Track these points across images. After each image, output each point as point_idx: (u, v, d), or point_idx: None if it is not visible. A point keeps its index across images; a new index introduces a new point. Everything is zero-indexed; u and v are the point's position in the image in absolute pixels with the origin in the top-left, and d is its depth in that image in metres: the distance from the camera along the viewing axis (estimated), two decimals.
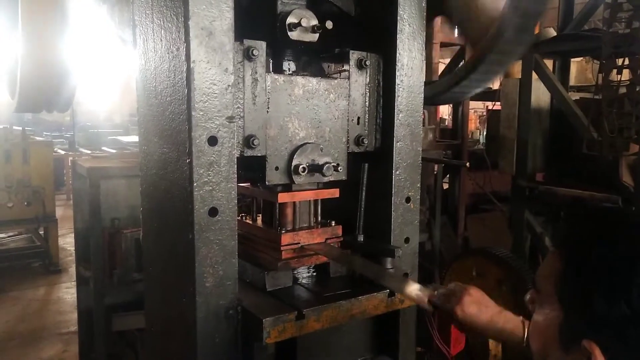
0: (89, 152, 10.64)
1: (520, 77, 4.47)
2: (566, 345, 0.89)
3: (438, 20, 5.17)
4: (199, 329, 1.44)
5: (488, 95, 5.80)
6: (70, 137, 14.78)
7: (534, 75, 4.40)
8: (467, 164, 4.93)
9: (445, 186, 6.11)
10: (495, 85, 5.59)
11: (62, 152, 12.54)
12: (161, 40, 1.50)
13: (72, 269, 7.29)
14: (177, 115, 1.45)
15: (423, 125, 2.83)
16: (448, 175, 6.09)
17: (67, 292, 6.60)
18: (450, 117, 8.46)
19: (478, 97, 6.08)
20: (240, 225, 1.78)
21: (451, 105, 7.37)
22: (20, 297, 6.44)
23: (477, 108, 17.46)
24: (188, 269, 1.44)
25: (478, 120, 18.68)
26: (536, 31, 4.72)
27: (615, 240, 0.87)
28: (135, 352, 3.69)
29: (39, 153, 7.24)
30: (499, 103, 5.36)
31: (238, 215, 1.51)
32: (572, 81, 5.61)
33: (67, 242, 8.22)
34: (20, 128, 7.66)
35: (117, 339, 3.72)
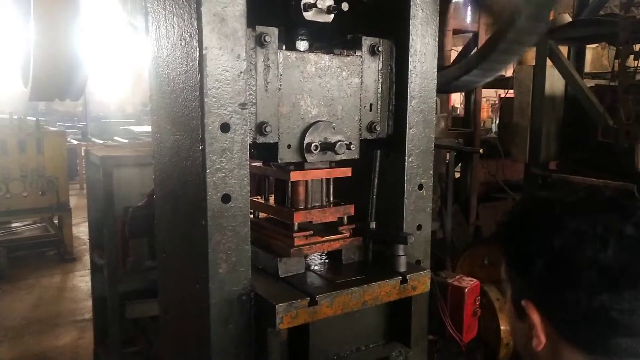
0: (101, 142, 10.71)
1: (534, 63, 4.41)
2: (518, 314, 1.04)
3: (451, 7, 5.11)
4: (212, 315, 1.45)
5: (501, 83, 5.74)
6: (83, 128, 14.90)
7: (548, 62, 4.34)
8: (481, 150, 4.90)
9: (457, 175, 6.08)
10: (508, 73, 5.53)
11: (75, 142, 12.64)
12: (173, 27, 1.50)
13: (86, 258, 7.37)
14: (189, 102, 1.45)
15: (435, 113, 2.81)
16: (460, 164, 6.06)
17: (82, 280, 6.68)
18: (462, 105, 8.39)
19: (490, 85, 6.02)
20: (253, 205, 1.79)
21: (463, 93, 7.31)
22: (36, 285, 6.53)
23: (489, 97, 17.28)
24: (201, 255, 1.45)
25: (490, 109, 18.51)
26: (551, 17, 4.64)
27: (525, 220, 1.07)
28: (148, 339, 3.74)
29: (53, 143, 7.30)
30: (512, 91, 5.31)
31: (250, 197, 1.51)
32: (587, 68, 5.53)
33: (80, 231, 8.31)
34: (34, 118, 7.72)
35: (131, 326, 3.77)
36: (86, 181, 3.97)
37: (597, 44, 6.11)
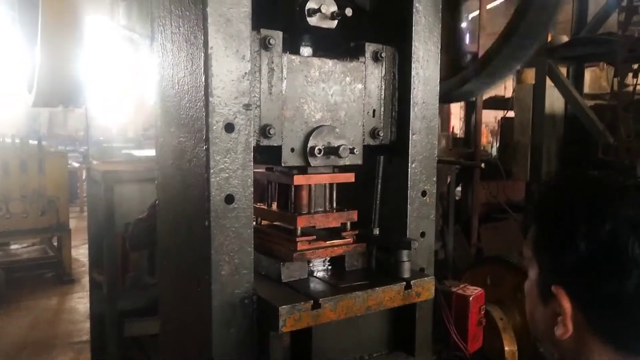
0: (101, 170, 10.71)
1: (533, 82, 4.45)
2: (543, 298, 0.98)
3: None
4: (214, 319, 1.43)
5: (500, 103, 5.78)
6: (85, 151, 14.96)
7: (548, 81, 4.38)
8: (483, 165, 4.90)
9: (458, 197, 6.07)
10: (508, 93, 5.58)
11: (77, 165, 12.66)
12: (179, 28, 1.51)
13: (85, 280, 7.31)
14: (194, 103, 1.45)
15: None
16: (461, 185, 6.06)
17: (80, 301, 6.61)
18: (462, 130, 8.43)
19: (490, 106, 6.07)
20: (256, 212, 1.77)
21: (463, 115, 7.36)
22: (33, 307, 6.46)
23: (488, 122, 17.37)
24: (204, 257, 1.43)
25: (490, 134, 18.61)
26: (548, 39, 4.71)
27: (570, 199, 0.98)
28: (147, 357, 3.67)
29: (55, 163, 7.32)
30: (511, 111, 5.34)
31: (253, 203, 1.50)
32: (586, 89, 5.57)
33: (79, 253, 8.26)
34: (36, 142, 7.74)
35: (129, 344, 3.71)
36: (87, 198, 3.97)
37: (595, 66, 6.19)
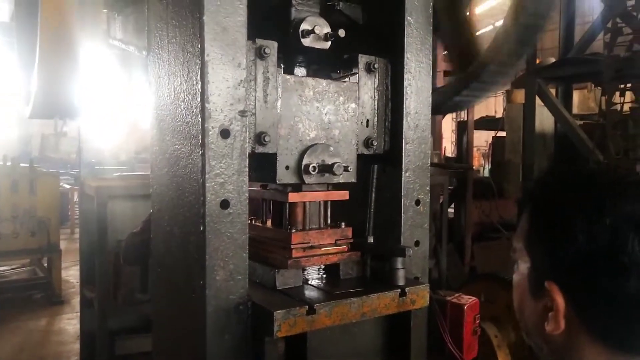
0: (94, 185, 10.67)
1: (523, 102, 4.53)
2: (535, 292, 0.95)
3: (441, 49, 5.28)
4: (208, 325, 1.42)
5: (491, 123, 5.86)
6: (76, 174, 14.92)
7: (538, 101, 4.46)
8: (473, 167, 4.95)
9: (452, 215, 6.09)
10: (499, 113, 5.65)
11: (68, 187, 12.60)
12: (176, 38, 1.54)
13: (75, 301, 7.22)
14: (190, 110, 1.47)
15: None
16: (453, 204, 6.08)
17: (69, 322, 6.51)
18: (454, 152, 8.51)
19: (482, 126, 6.15)
20: (250, 228, 1.78)
21: (454, 139, 7.42)
22: (22, 328, 6.35)
23: (479, 145, 17.56)
24: (199, 262, 1.43)
25: (481, 157, 18.79)
26: (537, 61, 4.81)
27: (569, 191, 0.94)
28: None
29: (46, 184, 7.28)
30: (502, 132, 5.41)
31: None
32: (575, 110, 5.67)
33: (70, 274, 8.17)
34: (27, 164, 7.68)
35: None
36: (79, 214, 3.95)
37: (584, 88, 6.30)
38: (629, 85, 3.77)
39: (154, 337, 1.84)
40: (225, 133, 1.43)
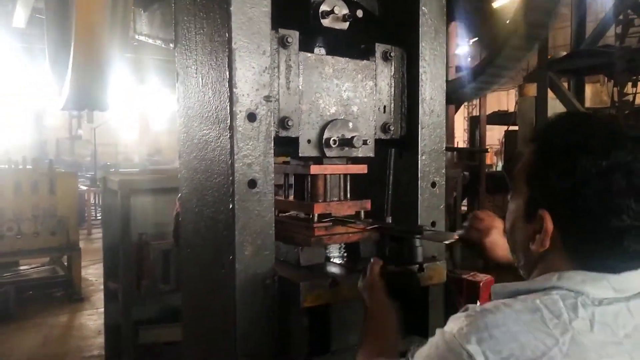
0: (117, 179, 10.85)
1: (535, 95, 4.57)
2: (527, 216, 1.06)
3: (454, 45, 5.34)
4: (237, 298, 1.51)
5: (504, 117, 5.89)
6: (92, 176, 15.17)
7: (550, 94, 4.50)
8: (488, 150, 5.00)
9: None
10: (511, 108, 5.69)
11: (84, 188, 12.81)
12: (203, 29, 1.63)
13: (94, 298, 7.37)
14: (218, 96, 1.56)
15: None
16: (466, 199, 6.13)
17: (90, 319, 6.64)
18: (466, 144, 8.54)
19: (494, 121, 6.19)
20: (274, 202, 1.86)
21: (467, 129, 7.45)
22: (43, 324, 6.49)
23: (492, 144, 17.53)
24: (227, 239, 1.52)
25: (493, 155, 18.74)
26: (549, 56, 4.83)
27: (574, 133, 1.02)
28: None
29: (65, 183, 7.43)
30: (515, 127, 5.44)
31: None
32: (587, 103, 5.69)
33: (89, 273, 8.32)
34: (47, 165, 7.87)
35: (143, 352, 3.75)
36: (102, 208, 4.06)
37: (596, 82, 6.32)
38: None
39: (184, 315, 1.93)
40: (251, 117, 1.52)
